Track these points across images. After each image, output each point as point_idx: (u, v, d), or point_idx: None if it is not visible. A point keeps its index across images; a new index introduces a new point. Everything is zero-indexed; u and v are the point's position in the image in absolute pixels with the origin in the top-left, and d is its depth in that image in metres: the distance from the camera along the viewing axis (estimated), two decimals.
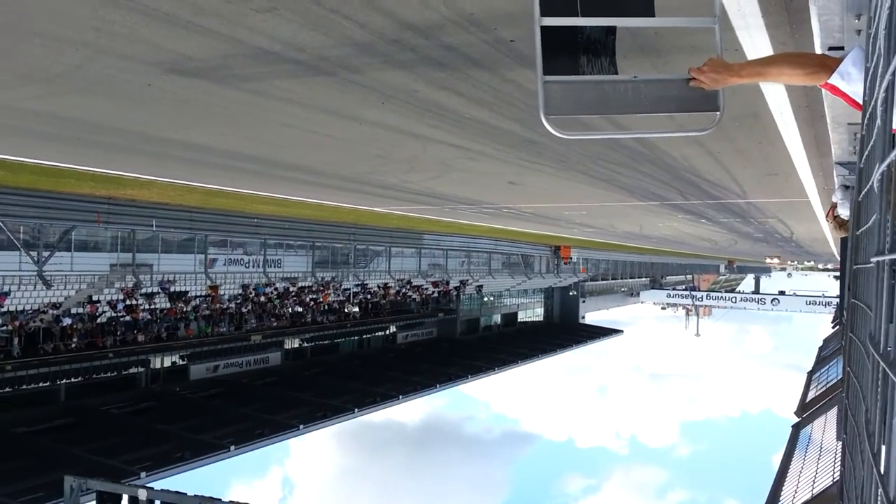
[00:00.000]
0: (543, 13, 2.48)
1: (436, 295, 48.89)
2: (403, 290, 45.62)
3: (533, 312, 64.31)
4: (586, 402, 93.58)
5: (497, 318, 58.84)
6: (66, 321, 27.33)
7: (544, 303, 65.37)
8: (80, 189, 23.11)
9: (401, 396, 33.64)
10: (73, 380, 27.97)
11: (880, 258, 1.44)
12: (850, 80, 2.23)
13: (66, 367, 27.51)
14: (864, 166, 2.61)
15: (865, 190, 2.50)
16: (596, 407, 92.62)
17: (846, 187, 8.71)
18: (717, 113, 2.55)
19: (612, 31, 2.57)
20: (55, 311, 26.93)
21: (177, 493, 5.87)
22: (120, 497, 6.03)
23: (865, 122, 2.35)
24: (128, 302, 29.36)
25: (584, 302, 67.26)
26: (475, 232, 44.70)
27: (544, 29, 2.49)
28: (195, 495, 5.70)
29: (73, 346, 27.89)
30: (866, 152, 2.42)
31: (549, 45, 2.50)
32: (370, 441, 67.01)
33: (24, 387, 26.41)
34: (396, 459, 66.58)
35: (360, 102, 10.17)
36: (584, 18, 2.51)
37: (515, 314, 61.12)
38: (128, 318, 29.55)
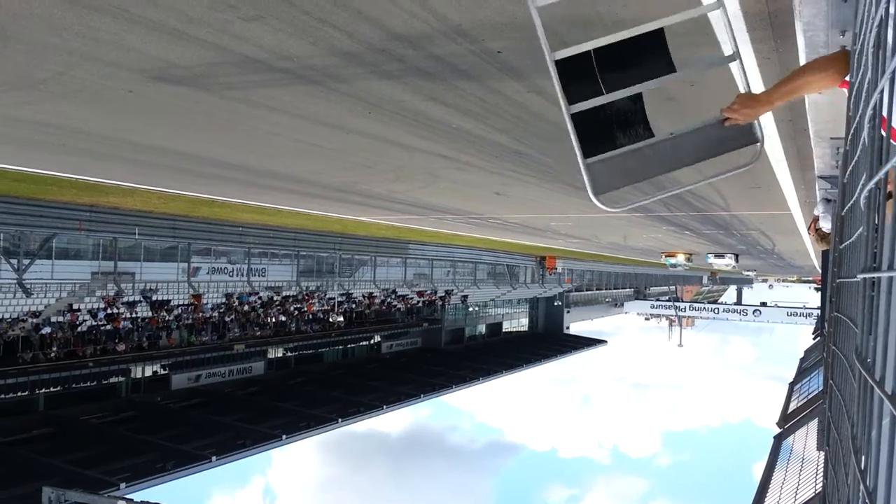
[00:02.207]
0: (571, 101, 2.48)
1: (420, 304, 48.80)
2: (388, 300, 45.50)
3: (518, 322, 64.39)
4: (570, 412, 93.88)
5: (482, 328, 58.84)
6: (46, 330, 27.02)
7: (529, 313, 65.47)
8: (61, 196, 22.90)
9: (384, 406, 33.53)
10: (52, 389, 27.63)
11: (868, 275, 1.44)
12: None
13: (45, 376, 27.19)
14: (848, 181, 2.63)
15: (850, 204, 2.52)
16: (579, 417, 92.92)
17: (828, 201, 8.79)
18: (758, 144, 2.56)
19: (638, 97, 2.55)
20: (35, 320, 26.60)
21: None
22: None
23: (850, 136, 2.37)
24: (109, 311, 29.06)
25: (568, 312, 67.47)
26: (461, 242, 44.71)
27: (575, 115, 2.48)
28: None
29: (53, 355, 27.57)
30: (850, 167, 2.44)
31: (583, 128, 2.50)
32: (353, 451, 66.74)
33: (2, 396, 26.06)
34: (380, 470, 66.35)
35: (347, 112, 10.15)
36: (610, 95, 2.50)
37: (500, 324, 61.14)
38: (109, 326, 29.24)
